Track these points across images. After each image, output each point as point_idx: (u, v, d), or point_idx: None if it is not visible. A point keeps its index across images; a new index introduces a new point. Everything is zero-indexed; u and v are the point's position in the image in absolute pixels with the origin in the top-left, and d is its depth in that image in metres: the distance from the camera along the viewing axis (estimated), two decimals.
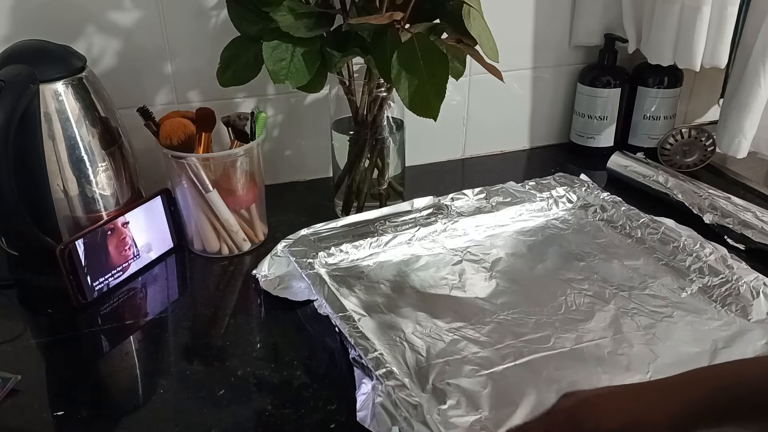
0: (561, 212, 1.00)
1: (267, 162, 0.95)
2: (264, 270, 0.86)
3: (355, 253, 0.90)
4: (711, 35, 1.05)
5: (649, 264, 0.89)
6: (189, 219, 0.92)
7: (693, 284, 0.83)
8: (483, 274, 0.87)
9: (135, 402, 0.70)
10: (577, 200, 1.02)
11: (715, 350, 0.73)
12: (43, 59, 0.84)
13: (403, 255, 0.91)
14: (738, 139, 1.09)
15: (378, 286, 0.85)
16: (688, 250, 0.87)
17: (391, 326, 0.78)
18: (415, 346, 0.74)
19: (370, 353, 0.68)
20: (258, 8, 0.82)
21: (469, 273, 0.87)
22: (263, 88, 1.05)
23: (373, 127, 0.94)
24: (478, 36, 0.80)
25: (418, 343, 0.75)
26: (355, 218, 0.93)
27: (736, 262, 0.83)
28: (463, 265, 0.89)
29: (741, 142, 1.09)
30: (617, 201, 0.99)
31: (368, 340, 0.70)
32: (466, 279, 0.86)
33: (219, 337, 0.80)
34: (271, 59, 0.80)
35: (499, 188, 1.02)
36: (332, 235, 0.91)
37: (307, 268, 0.83)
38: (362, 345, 0.69)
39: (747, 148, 1.10)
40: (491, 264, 0.89)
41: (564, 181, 1.04)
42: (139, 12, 0.96)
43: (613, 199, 1.00)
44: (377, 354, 0.68)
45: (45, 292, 0.86)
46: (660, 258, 0.89)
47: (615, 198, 1.00)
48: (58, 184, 0.86)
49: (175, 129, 0.87)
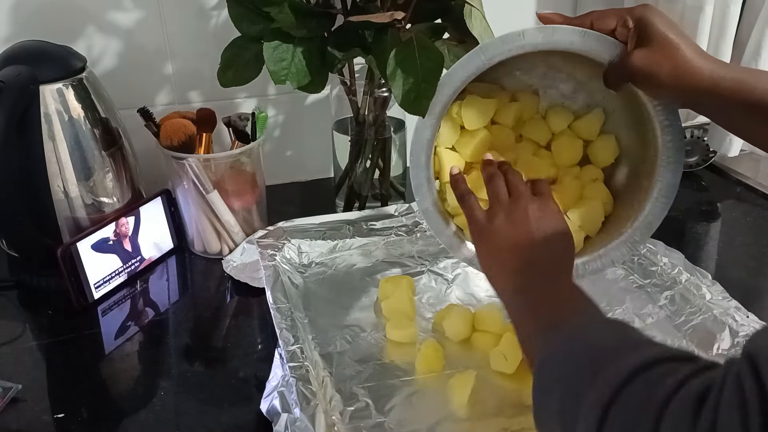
0: None
1: (268, 162, 0.95)
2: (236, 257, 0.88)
3: (321, 251, 0.90)
4: (713, 35, 1.05)
5: (621, 286, 0.85)
6: (189, 220, 0.92)
7: (661, 311, 0.80)
8: (443, 286, 0.86)
9: (136, 404, 0.70)
10: None
11: None
12: (43, 60, 0.84)
13: (368, 260, 0.91)
14: (729, 137, 1.08)
15: (336, 286, 0.85)
16: (664, 276, 0.83)
17: (339, 327, 0.78)
18: (347, 350, 0.75)
19: (288, 346, 0.69)
20: (259, 8, 0.82)
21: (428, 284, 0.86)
22: (264, 88, 1.05)
23: (374, 127, 0.94)
24: (479, 36, 0.79)
25: (354, 347, 0.75)
26: (333, 217, 0.93)
27: (711, 292, 0.79)
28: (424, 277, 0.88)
29: (732, 141, 1.09)
30: None
31: (293, 334, 0.71)
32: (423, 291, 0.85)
33: (220, 339, 0.80)
34: (271, 59, 0.79)
35: None
36: (308, 231, 0.91)
37: (268, 259, 0.84)
38: (285, 337, 0.70)
39: (738, 147, 1.09)
40: (453, 277, 0.87)
41: None
42: (139, 12, 0.96)
43: None
44: (296, 348, 0.69)
45: (45, 294, 0.86)
46: (635, 281, 0.86)
47: None
48: (58, 185, 0.85)
49: (176, 129, 0.86)
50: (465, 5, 0.78)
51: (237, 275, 0.86)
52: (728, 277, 0.84)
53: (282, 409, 0.63)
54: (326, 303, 0.83)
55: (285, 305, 0.76)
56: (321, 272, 0.88)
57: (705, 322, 0.76)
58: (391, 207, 0.96)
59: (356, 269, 0.89)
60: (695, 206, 1.08)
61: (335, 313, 0.81)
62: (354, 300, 0.83)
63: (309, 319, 0.78)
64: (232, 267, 0.88)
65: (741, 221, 1.04)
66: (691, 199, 1.10)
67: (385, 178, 0.99)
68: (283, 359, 0.68)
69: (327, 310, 0.81)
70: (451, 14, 0.83)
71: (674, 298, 0.81)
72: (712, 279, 0.82)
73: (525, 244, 0.61)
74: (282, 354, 0.69)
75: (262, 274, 0.82)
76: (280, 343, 0.70)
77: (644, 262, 0.87)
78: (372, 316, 0.81)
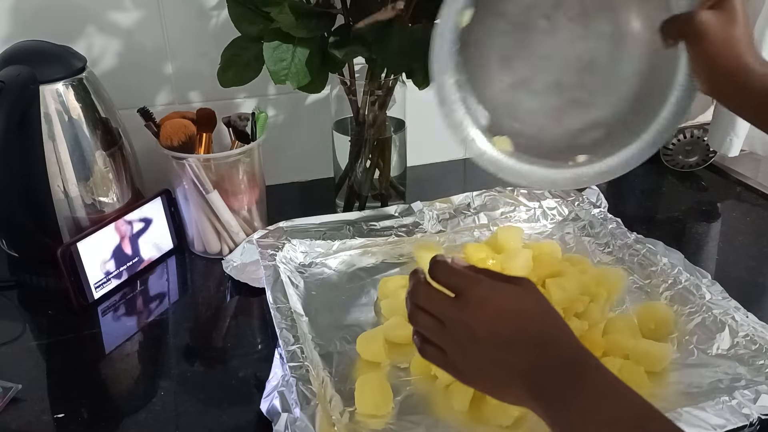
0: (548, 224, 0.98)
1: (268, 162, 0.95)
2: (236, 257, 0.88)
3: (321, 251, 0.90)
4: None
5: None
6: (189, 220, 0.92)
7: None
8: None
9: (136, 404, 0.70)
10: (568, 213, 0.99)
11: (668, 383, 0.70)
12: (43, 60, 0.84)
13: (368, 260, 0.90)
14: (729, 137, 1.08)
15: (336, 286, 0.85)
16: (664, 276, 0.83)
17: (339, 327, 0.78)
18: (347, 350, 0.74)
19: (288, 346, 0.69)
20: (259, 8, 0.82)
21: None
22: (264, 88, 1.05)
23: (374, 127, 0.94)
24: None
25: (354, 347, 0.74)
26: (333, 217, 0.93)
27: (710, 292, 0.79)
28: None
29: (732, 141, 1.08)
30: (608, 218, 0.96)
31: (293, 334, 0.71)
32: None
33: (220, 339, 0.80)
34: (271, 59, 0.79)
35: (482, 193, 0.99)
36: (308, 231, 0.91)
37: (268, 259, 0.84)
38: (285, 336, 0.70)
39: (738, 147, 1.09)
40: None
41: (558, 194, 1.01)
42: (139, 12, 0.96)
43: (604, 215, 0.96)
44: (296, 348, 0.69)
45: (45, 294, 0.86)
46: (635, 281, 0.85)
47: (607, 215, 0.96)
48: (58, 185, 0.85)
49: (176, 130, 0.86)
50: None
51: (237, 275, 0.86)
52: (728, 277, 0.84)
53: (282, 409, 0.63)
54: (326, 303, 0.82)
55: (285, 305, 0.76)
56: (321, 272, 0.88)
57: (704, 322, 0.76)
58: (391, 207, 0.96)
59: (356, 269, 0.89)
60: (695, 206, 1.08)
61: (335, 313, 0.81)
62: (354, 300, 0.83)
63: (309, 319, 0.78)
64: (232, 267, 0.88)
65: (741, 221, 1.04)
66: (691, 199, 1.11)
67: (385, 178, 0.99)
68: (283, 359, 0.68)
69: (327, 309, 0.81)
70: None
71: (674, 298, 0.81)
72: (711, 279, 0.81)
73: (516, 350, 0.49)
74: (282, 354, 0.69)
75: (262, 274, 0.82)
76: (280, 343, 0.70)
77: (644, 262, 0.87)
78: (372, 316, 0.81)
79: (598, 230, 0.95)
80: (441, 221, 0.96)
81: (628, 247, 0.90)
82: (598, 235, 0.94)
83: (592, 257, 0.91)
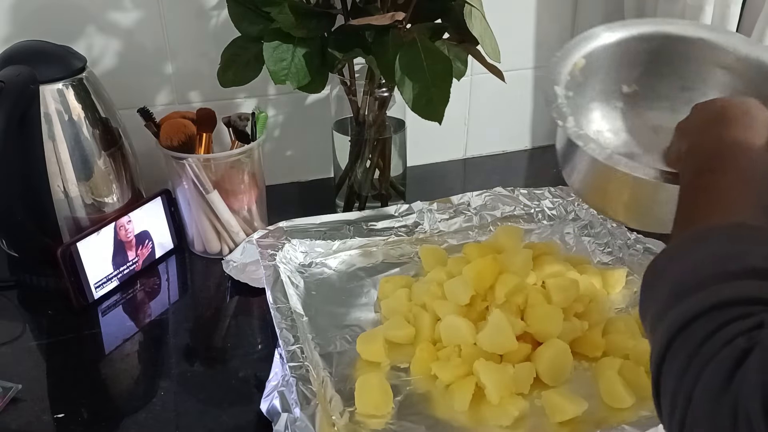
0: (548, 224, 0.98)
1: (268, 162, 0.95)
2: (236, 257, 0.88)
3: (321, 251, 0.90)
4: None
5: None
6: (189, 220, 0.92)
7: None
8: None
9: (136, 404, 0.70)
10: (568, 214, 0.99)
11: None
12: (43, 60, 0.84)
13: (368, 260, 0.90)
14: None
15: (336, 286, 0.85)
16: None
17: (339, 327, 0.78)
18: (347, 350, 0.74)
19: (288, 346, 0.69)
20: (259, 8, 0.82)
21: None
22: (264, 88, 1.05)
23: (374, 127, 0.94)
24: (479, 36, 0.79)
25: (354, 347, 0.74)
26: (333, 217, 0.93)
27: None
28: None
29: None
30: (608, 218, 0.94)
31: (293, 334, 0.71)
32: None
33: (220, 339, 0.80)
34: (271, 59, 0.79)
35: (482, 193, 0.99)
36: (308, 231, 0.91)
37: (268, 259, 0.84)
38: (285, 336, 0.70)
39: None
40: None
41: (558, 194, 1.01)
42: (139, 12, 0.96)
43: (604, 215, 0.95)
44: (296, 348, 0.69)
45: (45, 294, 0.86)
46: (635, 281, 0.85)
47: None
48: (58, 185, 0.85)
49: (176, 130, 0.86)
50: (465, 5, 0.78)
51: (237, 275, 0.86)
52: None
53: (282, 409, 0.63)
54: (326, 303, 0.82)
55: (285, 305, 0.76)
56: (321, 272, 0.88)
57: None
58: (391, 207, 0.96)
59: (356, 269, 0.89)
60: None
61: (335, 313, 0.81)
62: (354, 300, 0.83)
63: (309, 319, 0.78)
64: (232, 267, 0.88)
65: None
66: None
67: (385, 178, 0.99)
68: (283, 359, 0.68)
69: (327, 309, 0.81)
70: (451, 14, 0.83)
71: None
72: None
73: None
74: (282, 354, 0.69)
75: (262, 274, 0.82)
76: (280, 343, 0.70)
77: (644, 262, 0.86)
78: (372, 316, 0.81)
79: (598, 230, 0.95)
80: (441, 221, 0.96)
81: (628, 247, 0.90)
82: (598, 235, 0.94)
83: (592, 257, 0.91)
